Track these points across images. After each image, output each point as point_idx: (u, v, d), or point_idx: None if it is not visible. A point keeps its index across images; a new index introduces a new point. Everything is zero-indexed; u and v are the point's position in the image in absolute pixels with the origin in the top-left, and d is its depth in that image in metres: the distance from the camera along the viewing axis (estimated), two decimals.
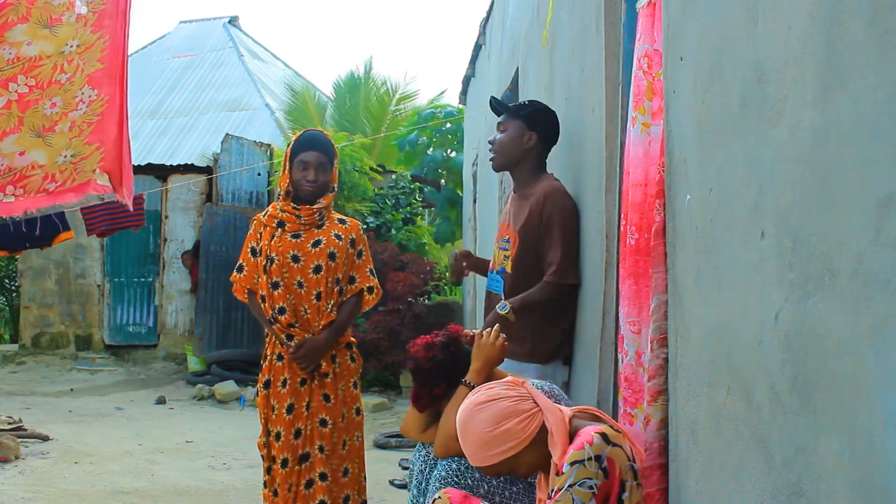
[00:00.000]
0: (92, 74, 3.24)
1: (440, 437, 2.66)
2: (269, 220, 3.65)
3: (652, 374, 2.02)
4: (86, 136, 3.28)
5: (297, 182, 3.62)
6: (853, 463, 1.10)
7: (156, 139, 13.10)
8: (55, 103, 3.18)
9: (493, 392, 2.15)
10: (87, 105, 3.24)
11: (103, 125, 3.29)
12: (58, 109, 3.20)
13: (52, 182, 3.27)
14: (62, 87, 3.18)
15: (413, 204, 11.38)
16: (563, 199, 3.25)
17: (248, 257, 3.67)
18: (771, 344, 1.35)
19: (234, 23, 17.24)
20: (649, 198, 2.21)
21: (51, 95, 3.17)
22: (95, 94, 3.25)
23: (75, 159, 3.28)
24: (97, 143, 3.30)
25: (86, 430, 7.11)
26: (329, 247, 3.60)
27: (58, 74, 3.17)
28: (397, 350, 9.00)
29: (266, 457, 3.59)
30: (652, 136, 2.23)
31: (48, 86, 3.16)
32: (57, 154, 3.24)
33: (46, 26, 3.13)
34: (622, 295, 2.37)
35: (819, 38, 1.20)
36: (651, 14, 2.23)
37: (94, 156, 3.30)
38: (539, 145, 3.39)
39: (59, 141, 3.22)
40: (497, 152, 3.45)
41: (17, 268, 12.29)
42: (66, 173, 3.27)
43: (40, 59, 3.13)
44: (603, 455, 1.96)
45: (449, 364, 2.70)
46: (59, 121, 3.20)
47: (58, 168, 3.25)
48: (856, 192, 1.10)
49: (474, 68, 9.11)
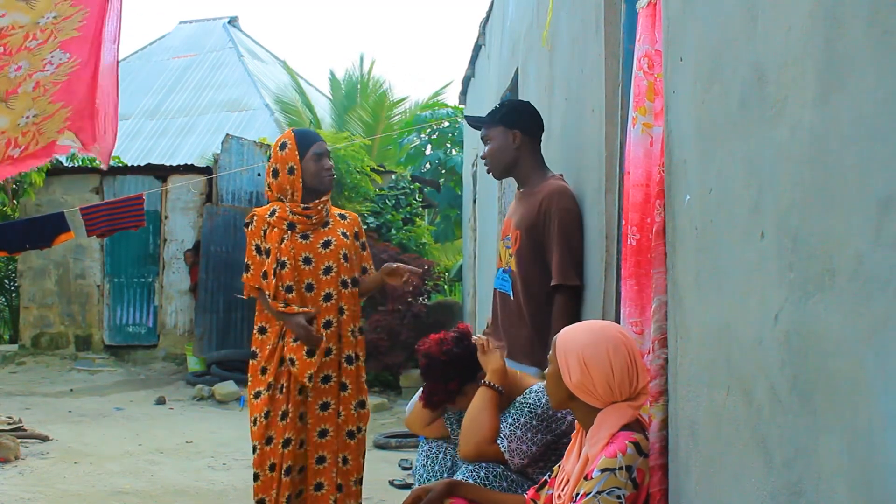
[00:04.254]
0: (65, 41, 3.12)
1: (471, 438, 2.61)
2: (278, 221, 3.56)
3: (653, 375, 2.02)
4: (51, 95, 3.15)
5: (316, 174, 3.55)
6: (853, 463, 1.10)
7: (156, 139, 13.11)
8: (20, 66, 3.06)
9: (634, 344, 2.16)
10: (55, 66, 3.12)
11: (71, 85, 3.15)
12: (22, 72, 3.07)
13: (15, 147, 3.15)
14: (31, 52, 3.06)
15: (413, 204, 11.39)
16: (567, 200, 3.24)
17: (253, 255, 3.58)
18: (771, 344, 1.35)
19: (233, 23, 17.25)
20: (651, 198, 2.21)
21: (17, 60, 3.04)
22: (67, 56, 3.13)
23: (37, 119, 3.15)
24: (62, 101, 3.17)
25: (85, 431, 7.11)
26: (341, 248, 3.58)
27: (28, 41, 3.05)
28: (397, 350, 9.00)
29: (256, 462, 3.48)
30: (654, 136, 2.23)
31: (16, 52, 3.03)
32: (19, 116, 3.10)
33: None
34: (623, 295, 2.37)
35: (819, 38, 1.20)
36: (651, 14, 2.23)
37: (59, 114, 3.18)
38: (527, 140, 3.37)
39: (21, 103, 3.09)
40: (491, 163, 3.45)
41: (17, 268, 12.29)
42: (30, 136, 3.16)
43: (12, 28, 3.01)
44: (634, 466, 1.96)
45: (463, 357, 2.71)
46: (23, 82, 3.07)
47: (20, 131, 3.13)
48: (856, 192, 1.10)
49: (474, 68, 9.10)
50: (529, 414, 2.56)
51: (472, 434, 2.61)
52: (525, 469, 2.60)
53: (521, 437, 2.55)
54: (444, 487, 2.45)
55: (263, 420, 3.46)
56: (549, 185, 3.29)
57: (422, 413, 2.84)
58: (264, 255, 3.56)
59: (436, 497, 2.43)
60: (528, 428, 2.55)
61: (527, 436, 2.55)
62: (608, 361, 2.08)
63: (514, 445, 2.55)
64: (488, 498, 2.47)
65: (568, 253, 3.17)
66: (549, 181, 3.32)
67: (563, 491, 2.15)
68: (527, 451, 2.55)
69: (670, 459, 1.94)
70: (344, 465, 3.56)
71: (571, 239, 3.19)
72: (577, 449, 2.19)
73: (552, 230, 3.19)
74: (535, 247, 3.23)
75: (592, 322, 2.32)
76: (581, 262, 3.22)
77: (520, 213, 3.32)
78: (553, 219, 3.18)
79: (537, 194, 3.27)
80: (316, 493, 3.52)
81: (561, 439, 2.59)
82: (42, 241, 7.08)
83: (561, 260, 3.15)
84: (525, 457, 2.56)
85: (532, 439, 2.55)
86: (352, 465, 3.58)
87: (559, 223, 3.18)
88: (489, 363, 2.73)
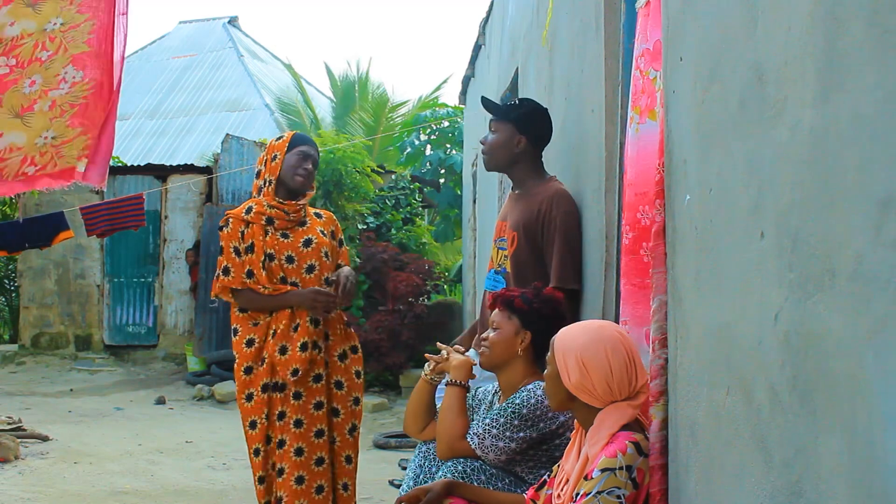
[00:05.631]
0: (77, 55, 3.13)
1: (442, 437, 2.67)
2: (256, 217, 3.50)
3: (653, 375, 2.02)
4: (68, 118, 3.16)
5: (289, 170, 3.52)
6: (853, 463, 1.10)
7: (156, 139, 13.11)
8: (34, 81, 3.08)
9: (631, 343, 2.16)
10: (69, 85, 3.14)
11: (87, 110, 3.17)
12: (37, 87, 3.09)
13: (31, 165, 3.16)
14: (43, 64, 3.07)
15: (413, 204, 11.39)
16: (569, 204, 3.24)
17: (233, 258, 3.47)
18: (771, 344, 1.35)
19: (233, 23, 17.25)
20: (638, 196, 2.23)
21: (30, 74, 3.06)
22: (80, 75, 3.14)
23: (56, 142, 3.16)
24: (80, 127, 3.19)
25: (85, 431, 7.11)
26: (322, 246, 3.57)
27: (39, 52, 3.06)
28: (398, 350, 9.00)
29: (261, 465, 3.43)
30: (641, 133, 2.24)
31: (28, 64, 3.05)
32: (36, 135, 3.13)
33: (29, 4, 3.04)
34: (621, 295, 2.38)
35: (819, 38, 1.20)
36: (647, 14, 2.23)
37: (79, 140, 3.20)
38: (530, 147, 3.35)
39: (38, 121, 3.11)
40: (487, 154, 3.43)
41: (17, 268, 12.29)
42: (47, 156, 3.17)
43: (22, 37, 3.03)
44: (634, 465, 1.97)
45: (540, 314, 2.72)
46: (39, 99, 3.10)
47: (37, 150, 3.15)
48: (856, 192, 1.10)
49: (474, 68, 9.10)
50: (512, 413, 2.58)
51: (442, 433, 2.68)
52: (513, 468, 2.61)
53: (496, 434, 2.57)
54: (444, 487, 2.46)
55: (265, 422, 3.43)
56: (548, 188, 3.28)
57: (416, 417, 2.90)
58: (245, 255, 3.47)
59: (435, 497, 2.43)
60: (508, 426, 2.56)
61: (505, 433, 2.56)
62: (607, 361, 2.08)
63: (487, 442, 2.58)
64: (487, 498, 2.47)
65: (569, 257, 3.16)
66: (549, 184, 3.31)
67: (562, 491, 2.15)
68: (503, 447, 2.57)
69: (670, 459, 1.94)
70: (348, 464, 3.56)
71: (572, 242, 3.19)
72: (577, 449, 2.19)
73: (553, 233, 3.18)
74: (533, 249, 3.22)
75: (590, 322, 2.32)
76: (580, 267, 3.22)
77: (516, 215, 3.31)
78: (554, 222, 3.18)
79: (535, 196, 3.26)
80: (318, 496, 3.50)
81: (553, 439, 2.60)
82: (42, 240, 7.08)
83: (561, 263, 3.15)
84: (502, 453, 2.57)
85: (511, 437, 2.56)
86: (353, 465, 3.58)
87: (561, 226, 3.17)
88: (451, 364, 2.79)
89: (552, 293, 2.81)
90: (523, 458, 2.61)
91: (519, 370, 2.70)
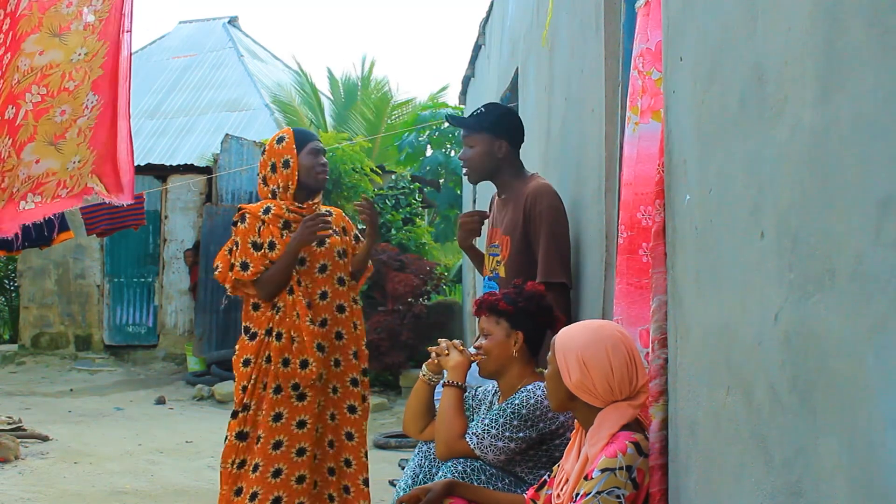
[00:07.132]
0: (95, 80, 3.28)
1: (440, 438, 2.67)
2: (274, 219, 3.48)
3: (653, 375, 2.02)
4: (87, 142, 3.34)
5: (308, 171, 3.49)
6: (853, 463, 1.10)
7: (155, 139, 13.08)
8: (64, 111, 3.23)
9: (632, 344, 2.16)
10: (90, 111, 3.30)
11: (96, 129, 3.34)
12: (67, 117, 3.24)
13: (63, 188, 3.33)
14: (70, 94, 3.23)
15: (413, 204, 11.38)
16: (552, 198, 3.24)
17: (251, 253, 3.43)
18: (771, 344, 1.35)
19: (233, 23, 17.22)
20: (635, 196, 2.23)
21: (60, 103, 3.22)
22: (96, 99, 3.30)
23: (80, 165, 3.35)
24: (92, 147, 3.35)
25: (85, 431, 7.11)
26: (335, 246, 3.57)
27: (66, 82, 3.21)
28: (398, 350, 8.99)
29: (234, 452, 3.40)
30: (641, 133, 2.24)
31: (58, 94, 3.20)
32: (67, 161, 3.30)
33: (56, 35, 3.17)
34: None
35: (819, 38, 1.20)
36: (647, 14, 2.23)
37: (90, 159, 3.36)
38: (511, 149, 3.36)
39: (69, 148, 3.29)
40: (471, 168, 3.41)
41: (17, 268, 12.29)
42: (74, 179, 3.35)
43: (50, 67, 3.17)
44: (634, 465, 1.97)
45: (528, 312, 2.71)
46: (69, 128, 3.25)
47: (68, 174, 3.31)
48: (856, 192, 1.10)
49: (474, 68, 9.10)
50: (512, 413, 2.57)
51: (440, 433, 2.67)
52: (513, 468, 2.61)
53: (496, 434, 2.57)
54: (444, 487, 2.46)
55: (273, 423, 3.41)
56: (530, 185, 3.28)
57: (415, 417, 2.89)
58: (265, 249, 3.45)
59: (435, 497, 2.43)
60: (507, 427, 2.56)
61: (504, 433, 2.56)
62: (607, 360, 2.09)
63: (486, 442, 2.57)
64: (487, 498, 2.47)
65: (554, 250, 3.15)
66: (530, 182, 3.31)
67: (562, 491, 2.15)
68: (503, 447, 2.57)
69: (670, 459, 1.94)
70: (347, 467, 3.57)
71: (557, 236, 3.19)
72: (577, 449, 2.19)
73: (538, 228, 3.18)
74: (526, 249, 3.22)
75: (590, 321, 2.33)
76: (567, 261, 3.21)
77: (507, 220, 3.31)
78: (539, 216, 3.18)
79: (520, 196, 3.27)
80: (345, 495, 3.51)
81: (552, 439, 2.60)
82: (41, 240, 7.07)
83: (546, 257, 3.14)
84: (501, 453, 2.57)
85: (510, 437, 2.56)
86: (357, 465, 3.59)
87: (546, 221, 3.17)
88: (448, 363, 2.77)
89: (533, 287, 2.79)
90: (523, 458, 2.61)
91: (517, 371, 2.70)
